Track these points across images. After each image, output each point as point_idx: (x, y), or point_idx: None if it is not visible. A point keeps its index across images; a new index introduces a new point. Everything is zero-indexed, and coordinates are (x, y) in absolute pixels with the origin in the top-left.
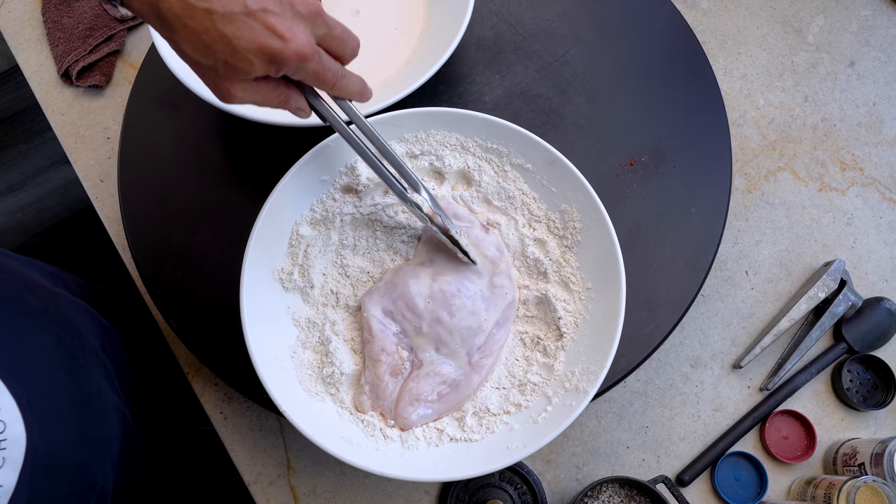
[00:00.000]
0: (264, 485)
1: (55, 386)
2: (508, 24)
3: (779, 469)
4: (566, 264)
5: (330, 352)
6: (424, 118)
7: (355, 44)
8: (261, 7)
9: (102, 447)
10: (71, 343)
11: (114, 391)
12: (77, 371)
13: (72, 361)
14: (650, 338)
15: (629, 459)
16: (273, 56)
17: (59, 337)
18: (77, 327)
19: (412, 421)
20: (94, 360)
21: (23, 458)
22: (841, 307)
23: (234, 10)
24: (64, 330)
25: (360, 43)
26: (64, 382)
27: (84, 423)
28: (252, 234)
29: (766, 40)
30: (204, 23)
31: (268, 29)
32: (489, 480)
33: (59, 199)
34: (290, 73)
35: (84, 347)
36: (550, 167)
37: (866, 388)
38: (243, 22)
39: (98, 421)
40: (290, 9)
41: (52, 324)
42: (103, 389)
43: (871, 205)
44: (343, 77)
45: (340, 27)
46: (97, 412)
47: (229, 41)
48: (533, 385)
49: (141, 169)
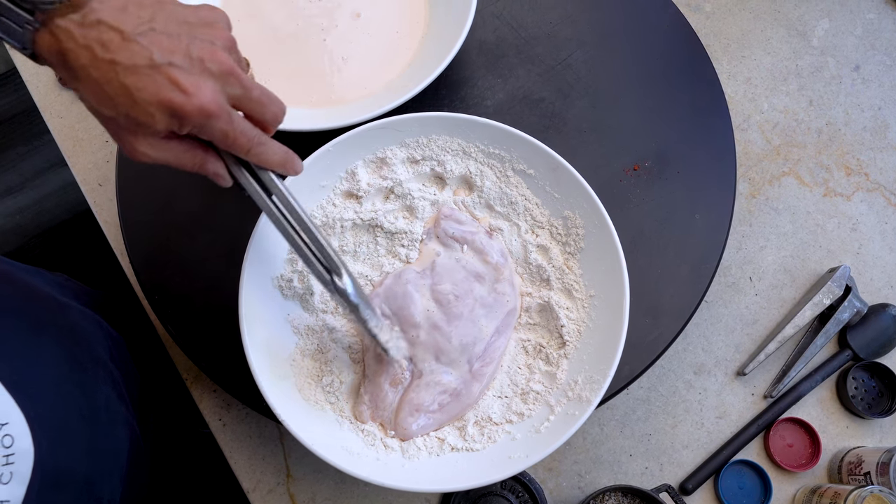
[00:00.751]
0: (263, 492)
1: (64, 399)
2: (511, 27)
3: (783, 477)
4: (569, 271)
5: (329, 360)
6: (426, 123)
7: (278, 108)
8: (167, 61)
9: (110, 460)
10: (80, 355)
11: (122, 402)
12: (86, 383)
13: (80, 373)
14: (654, 345)
15: (632, 467)
16: (174, 110)
17: (68, 349)
18: (86, 338)
19: (412, 432)
20: (103, 372)
21: (30, 473)
22: (846, 314)
23: (138, 62)
24: (73, 341)
25: (285, 109)
26: (72, 395)
27: (92, 436)
28: (251, 241)
29: (771, 44)
30: (107, 74)
31: (171, 83)
32: (490, 489)
33: (57, 201)
34: (197, 131)
35: (93, 359)
36: (553, 173)
37: (871, 396)
38: (147, 75)
39: (106, 434)
40: (199, 64)
41: (60, 335)
42: (112, 401)
43: (876, 210)
44: (260, 144)
45: (260, 90)
46: (105, 425)
47: (130, 93)
48: (535, 393)
49: (139, 173)
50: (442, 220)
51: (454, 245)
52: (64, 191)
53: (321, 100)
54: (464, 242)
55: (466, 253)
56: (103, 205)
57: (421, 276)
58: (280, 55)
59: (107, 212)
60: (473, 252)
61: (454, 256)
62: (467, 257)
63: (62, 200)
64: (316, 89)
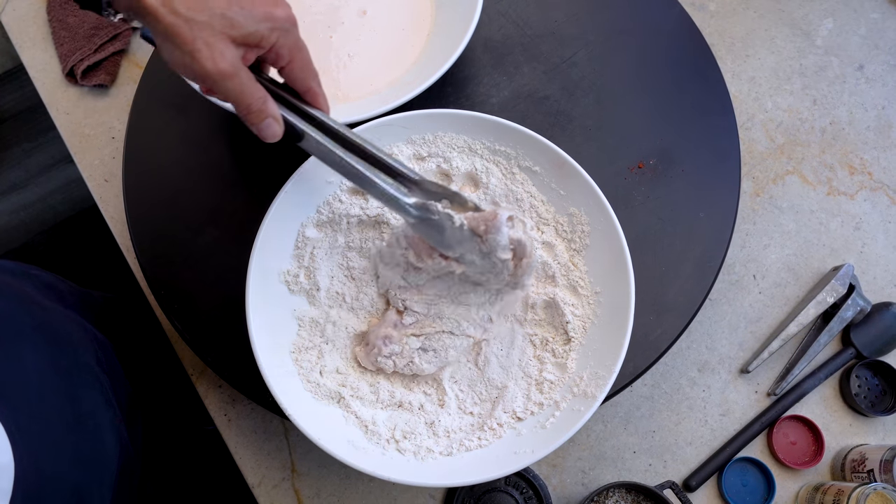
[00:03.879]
0: (268, 488)
1: (47, 408)
2: (516, 25)
3: (786, 475)
4: (575, 268)
5: (334, 354)
6: (432, 120)
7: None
8: None
9: (98, 468)
10: (64, 361)
11: (109, 407)
12: (70, 390)
13: (65, 380)
14: (658, 342)
15: (636, 464)
16: (273, 19)
17: (52, 356)
18: (71, 343)
19: (380, 347)
20: (89, 377)
21: (11, 488)
22: (849, 312)
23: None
24: (57, 348)
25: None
26: (57, 403)
27: (78, 444)
28: (258, 236)
29: (775, 43)
30: None
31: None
32: (495, 485)
33: (62, 198)
34: (277, 37)
35: (78, 364)
36: (559, 170)
37: (875, 394)
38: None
39: (94, 441)
40: None
41: (44, 342)
42: (98, 407)
43: (879, 209)
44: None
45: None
46: (92, 432)
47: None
48: (550, 383)
49: (146, 169)
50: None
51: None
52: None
53: (327, 96)
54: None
55: None
56: (109, 201)
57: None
58: None
59: (113, 207)
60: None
61: None
62: None
63: (67, 197)
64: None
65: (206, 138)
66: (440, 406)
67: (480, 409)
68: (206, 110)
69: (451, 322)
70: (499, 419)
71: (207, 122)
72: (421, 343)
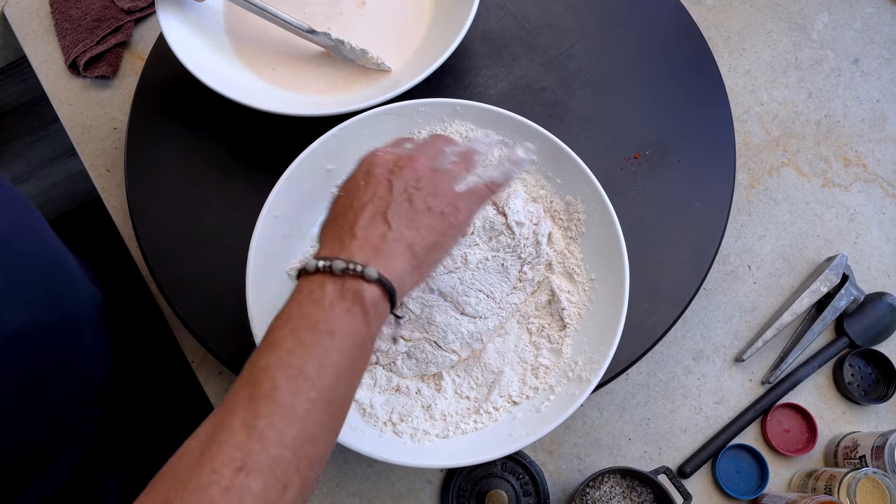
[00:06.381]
0: None
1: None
2: (514, 17)
3: (780, 461)
4: (570, 255)
5: None
6: (430, 109)
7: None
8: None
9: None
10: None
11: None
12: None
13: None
14: (653, 330)
15: (631, 451)
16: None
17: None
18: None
19: None
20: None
21: None
22: (843, 302)
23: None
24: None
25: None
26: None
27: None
28: (258, 224)
29: (771, 37)
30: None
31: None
32: (491, 470)
33: (64, 191)
34: None
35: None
36: (555, 159)
37: (867, 383)
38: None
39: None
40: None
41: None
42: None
43: (873, 201)
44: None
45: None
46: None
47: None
48: (545, 368)
49: (148, 159)
50: None
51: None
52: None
53: (327, 87)
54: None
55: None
56: (112, 191)
57: None
58: (286, 42)
59: (115, 197)
60: None
61: None
62: None
63: (69, 191)
64: (322, 76)
65: (207, 128)
66: (437, 391)
67: (477, 393)
68: (207, 101)
69: (439, 332)
70: (495, 403)
71: (208, 112)
72: (407, 348)
